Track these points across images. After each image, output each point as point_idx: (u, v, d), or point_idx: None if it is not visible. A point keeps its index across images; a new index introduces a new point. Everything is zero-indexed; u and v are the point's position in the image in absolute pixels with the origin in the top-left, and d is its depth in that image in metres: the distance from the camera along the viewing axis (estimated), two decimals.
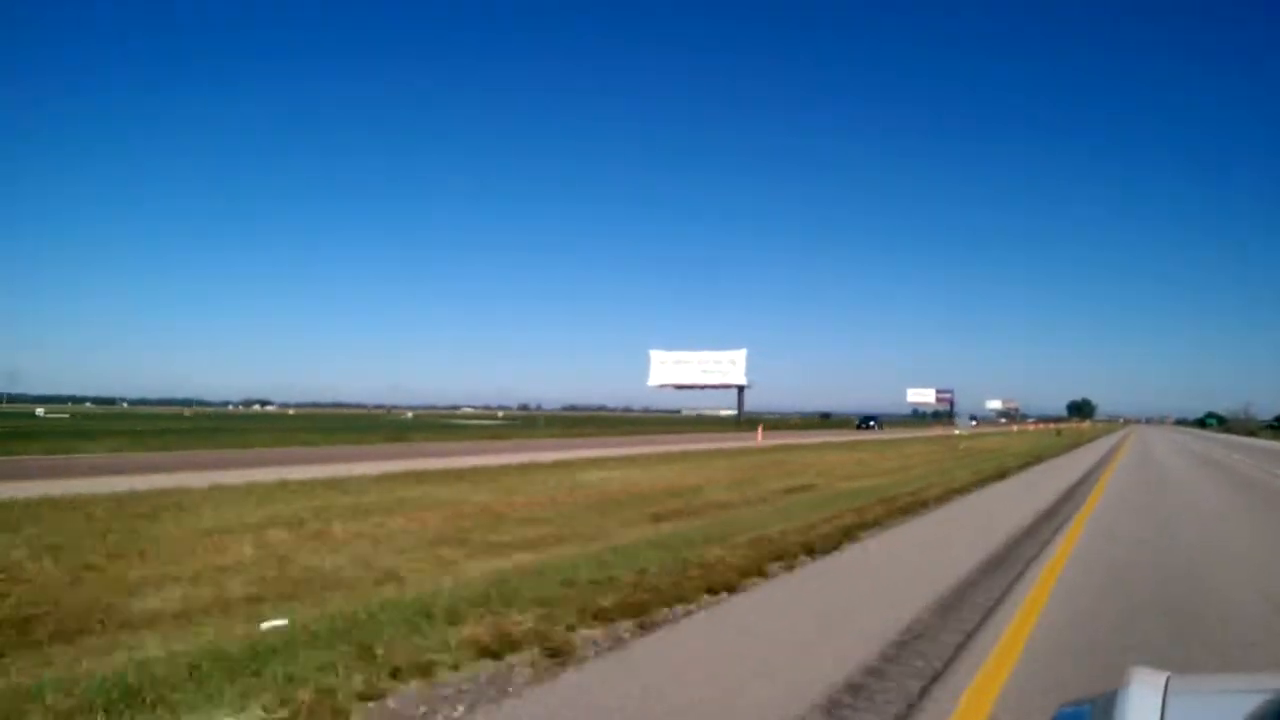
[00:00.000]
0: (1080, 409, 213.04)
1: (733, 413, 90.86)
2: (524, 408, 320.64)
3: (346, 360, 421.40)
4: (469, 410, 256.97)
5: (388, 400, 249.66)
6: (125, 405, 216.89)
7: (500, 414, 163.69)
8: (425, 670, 4.30)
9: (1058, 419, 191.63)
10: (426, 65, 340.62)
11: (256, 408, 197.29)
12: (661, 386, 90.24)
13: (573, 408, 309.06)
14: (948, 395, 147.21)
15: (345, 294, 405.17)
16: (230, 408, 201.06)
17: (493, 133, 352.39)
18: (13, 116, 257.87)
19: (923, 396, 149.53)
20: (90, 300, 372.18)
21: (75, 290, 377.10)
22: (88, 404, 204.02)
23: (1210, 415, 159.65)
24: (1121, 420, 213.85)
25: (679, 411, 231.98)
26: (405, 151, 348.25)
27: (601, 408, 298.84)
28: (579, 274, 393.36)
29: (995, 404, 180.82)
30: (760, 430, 45.33)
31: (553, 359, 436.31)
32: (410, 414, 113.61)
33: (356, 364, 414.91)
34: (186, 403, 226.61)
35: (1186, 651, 5.22)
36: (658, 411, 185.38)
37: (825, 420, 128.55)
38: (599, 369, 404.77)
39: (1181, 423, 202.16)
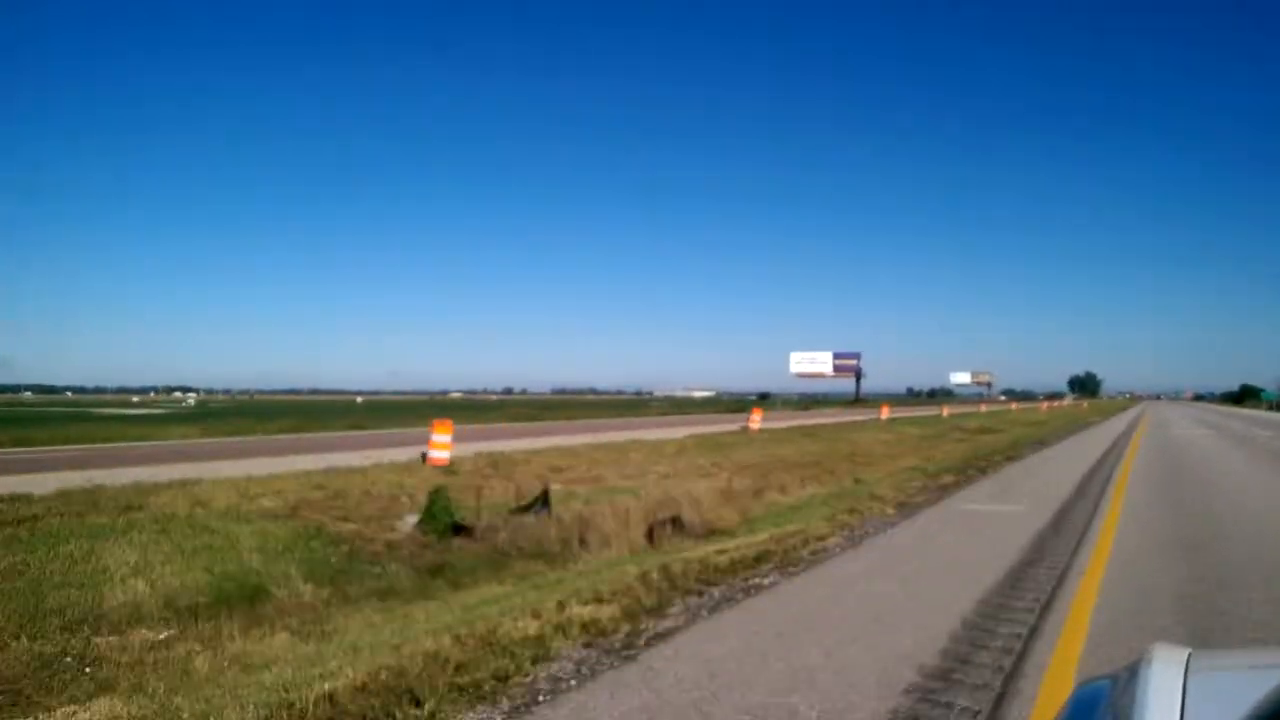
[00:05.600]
0: (1084, 384, 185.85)
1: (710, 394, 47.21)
2: (508, 391, 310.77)
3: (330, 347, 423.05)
4: (457, 395, 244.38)
5: (386, 386, 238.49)
6: (69, 394, 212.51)
7: (359, 399, 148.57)
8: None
9: (1054, 396, 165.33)
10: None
11: (176, 395, 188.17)
12: None
13: (562, 391, 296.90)
14: (852, 363, 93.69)
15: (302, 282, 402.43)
16: (153, 394, 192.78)
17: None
18: None
19: (814, 365, 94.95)
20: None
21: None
22: (26, 393, 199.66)
23: (1253, 389, 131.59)
24: (1128, 395, 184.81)
25: (651, 393, 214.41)
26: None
27: (591, 390, 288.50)
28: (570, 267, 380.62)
29: (963, 377, 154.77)
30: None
31: (541, 344, 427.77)
32: (192, 399, 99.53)
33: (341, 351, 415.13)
34: (145, 390, 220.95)
35: None
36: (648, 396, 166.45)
37: (763, 400, 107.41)
38: (586, 353, 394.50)
39: (1202, 398, 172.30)
